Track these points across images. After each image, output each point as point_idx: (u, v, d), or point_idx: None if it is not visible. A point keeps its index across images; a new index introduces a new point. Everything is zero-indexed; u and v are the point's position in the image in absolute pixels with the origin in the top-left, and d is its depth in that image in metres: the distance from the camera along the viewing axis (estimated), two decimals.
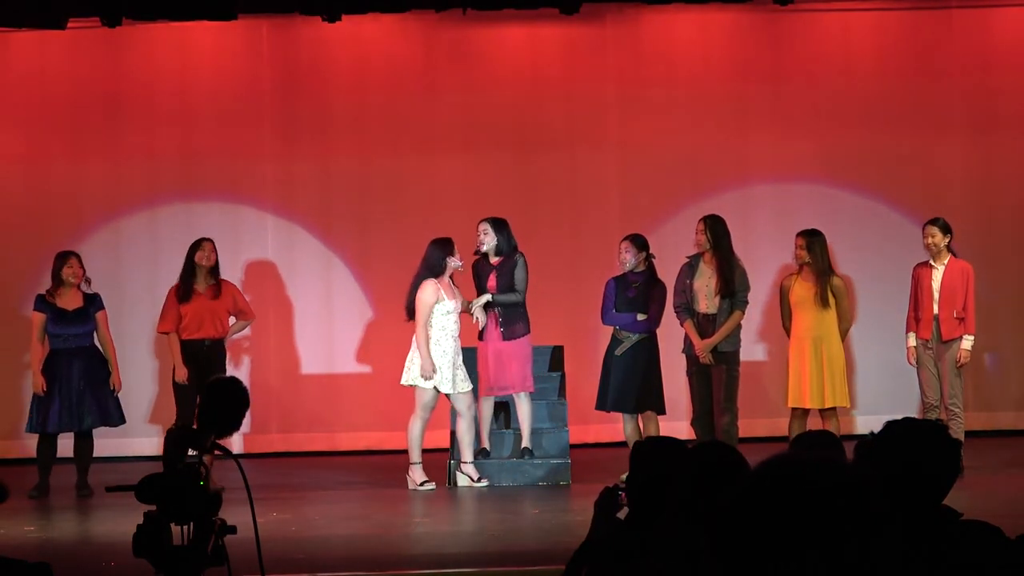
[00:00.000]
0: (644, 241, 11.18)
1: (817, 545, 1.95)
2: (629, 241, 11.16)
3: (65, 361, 11.27)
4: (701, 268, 11.02)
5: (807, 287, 10.97)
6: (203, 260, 11.50)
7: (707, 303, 10.94)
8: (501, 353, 11.12)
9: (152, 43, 13.47)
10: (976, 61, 13.65)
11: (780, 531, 1.97)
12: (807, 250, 10.98)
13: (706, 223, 11.07)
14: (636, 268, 11.09)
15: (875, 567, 1.98)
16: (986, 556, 3.55)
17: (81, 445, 11.30)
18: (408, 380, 11.04)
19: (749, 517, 1.99)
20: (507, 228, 11.26)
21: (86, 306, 11.40)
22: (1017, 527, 3.80)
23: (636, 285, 11.06)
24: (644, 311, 11.02)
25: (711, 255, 10.99)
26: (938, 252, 11.07)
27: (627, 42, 13.70)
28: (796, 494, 1.99)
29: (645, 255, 11.11)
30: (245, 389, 4.34)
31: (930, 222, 11.22)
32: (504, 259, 11.21)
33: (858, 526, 1.98)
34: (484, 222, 11.30)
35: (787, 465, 2.04)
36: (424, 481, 10.98)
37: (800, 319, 10.98)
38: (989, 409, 13.35)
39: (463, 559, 8.21)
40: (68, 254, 11.51)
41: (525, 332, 11.18)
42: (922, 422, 3.85)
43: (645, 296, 11.01)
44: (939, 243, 11.08)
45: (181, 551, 4.07)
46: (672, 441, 4.55)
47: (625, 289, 11.11)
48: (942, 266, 11.09)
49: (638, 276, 11.09)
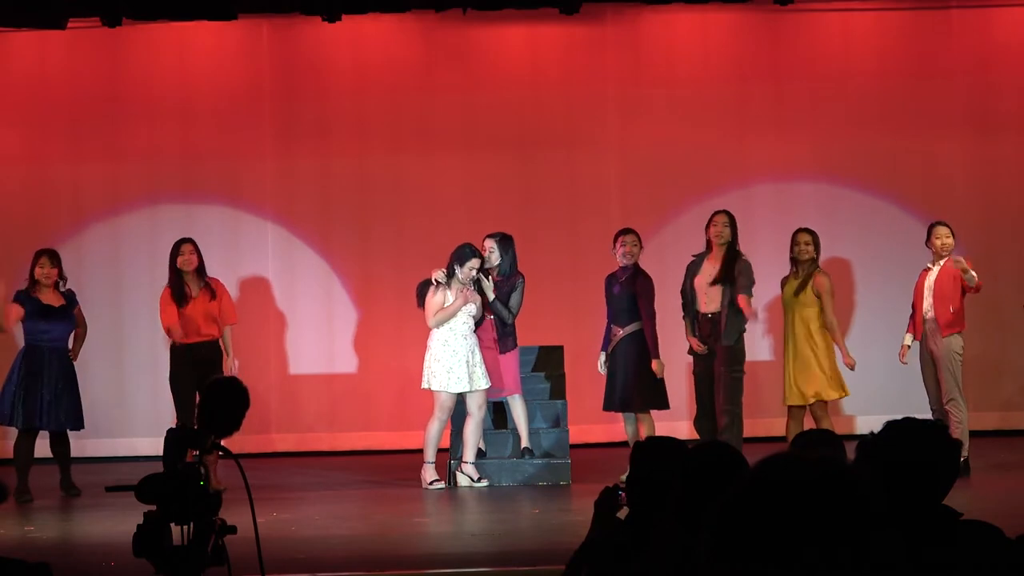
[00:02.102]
0: (636, 236, 11.16)
1: (815, 544, 1.95)
2: (634, 235, 11.11)
3: (45, 359, 11.15)
4: (704, 266, 11.00)
5: (794, 285, 11.03)
6: (185, 265, 11.32)
7: (706, 299, 10.90)
8: (497, 360, 11.17)
9: (152, 43, 13.47)
10: (976, 61, 13.66)
11: (777, 530, 1.97)
12: (814, 246, 11.04)
13: (728, 216, 11.04)
14: (627, 261, 11.04)
15: (874, 566, 1.98)
16: (986, 556, 3.55)
17: (58, 443, 11.16)
18: (428, 384, 11.04)
19: (746, 516, 1.99)
20: (512, 247, 11.25)
21: (68, 305, 11.32)
22: (1017, 527, 3.79)
23: (622, 281, 11.04)
24: (628, 307, 10.97)
25: (719, 251, 10.95)
26: (947, 254, 11.04)
27: (627, 42, 13.71)
28: (792, 493, 1.99)
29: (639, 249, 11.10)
30: (245, 389, 4.34)
31: (940, 224, 11.17)
32: (504, 279, 11.22)
33: (856, 525, 1.98)
34: (490, 239, 11.26)
35: (783, 464, 2.04)
36: (433, 480, 11.00)
37: (786, 317, 11.08)
38: (988, 409, 13.34)
39: (463, 559, 8.21)
40: (40, 253, 11.39)
41: (515, 346, 11.28)
42: (922, 422, 3.84)
43: (630, 294, 10.97)
44: (951, 245, 11.06)
45: (181, 551, 4.07)
46: (672, 441, 4.55)
47: (612, 285, 11.12)
48: (938, 267, 11.08)
49: (624, 272, 11.07)
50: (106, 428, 12.77)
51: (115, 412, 13.15)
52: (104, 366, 13.06)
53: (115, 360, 13.30)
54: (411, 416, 12.50)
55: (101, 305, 13.07)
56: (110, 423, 12.98)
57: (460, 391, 10.98)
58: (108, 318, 13.20)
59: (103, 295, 13.25)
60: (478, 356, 11.03)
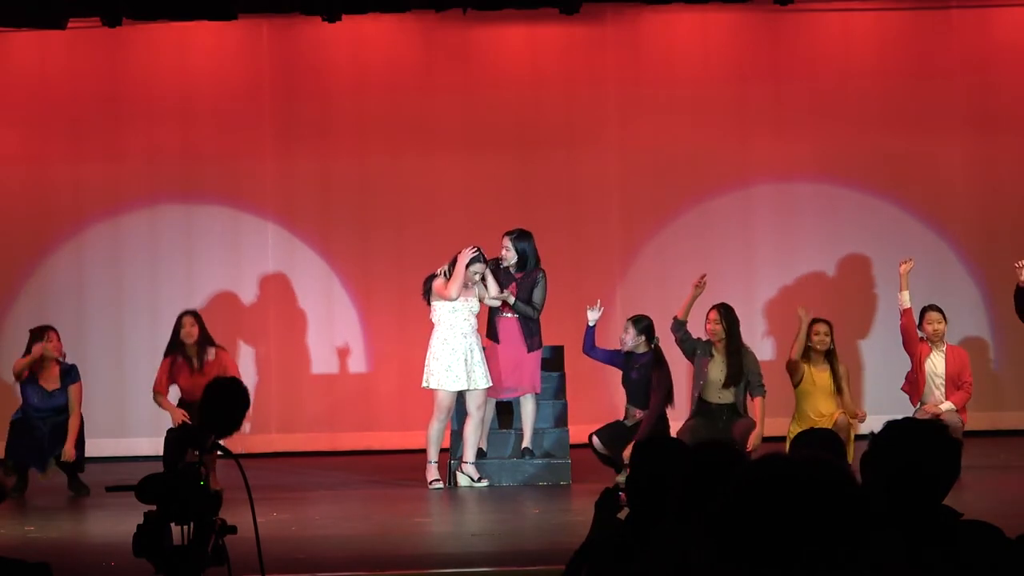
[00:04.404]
0: (647, 325, 10.99)
1: (809, 544, 1.96)
2: (630, 322, 11.07)
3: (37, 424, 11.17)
4: (715, 357, 10.92)
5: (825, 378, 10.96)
6: (187, 337, 11.30)
7: (718, 395, 10.88)
8: (522, 361, 11.15)
9: (152, 43, 13.47)
10: (976, 61, 13.66)
11: (771, 530, 1.97)
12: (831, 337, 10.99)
13: (720, 312, 10.94)
14: (637, 350, 11.00)
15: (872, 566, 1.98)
16: (986, 556, 3.55)
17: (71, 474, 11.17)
18: (427, 382, 11.03)
19: (740, 517, 2.00)
20: (530, 241, 11.21)
21: (64, 384, 11.25)
22: (1017, 527, 3.79)
23: (639, 367, 10.94)
24: (645, 393, 10.92)
25: (722, 344, 10.91)
26: (940, 339, 11.12)
27: (627, 42, 13.71)
28: (787, 493, 1.99)
29: (646, 338, 10.97)
30: (245, 389, 4.35)
31: (932, 308, 11.21)
32: (526, 274, 11.20)
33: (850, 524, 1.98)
34: (507, 236, 11.23)
35: (776, 464, 2.04)
36: (434, 480, 10.99)
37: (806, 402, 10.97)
38: (989, 409, 13.34)
39: (463, 559, 8.21)
40: (44, 329, 11.33)
41: (541, 344, 11.26)
42: (922, 422, 3.85)
43: (647, 380, 10.92)
44: (944, 330, 11.14)
45: (181, 551, 4.07)
46: (672, 441, 4.55)
47: (629, 369, 11.04)
48: (941, 354, 11.14)
49: (643, 357, 10.99)
50: (106, 428, 12.76)
51: (115, 412, 13.14)
52: (104, 366, 13.05)
53: (115, 360, 13.29)
54: (412, 416, 12.49)
55: (101, 305, 13.06)
56: (110, 423, 12.97)
57: (457, 389, 10.96)
58: (108, 318, 13.20)
59: (103, 295, 13.24)
60: (478, 355, 11.00)
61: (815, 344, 10.97)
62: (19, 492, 10.90)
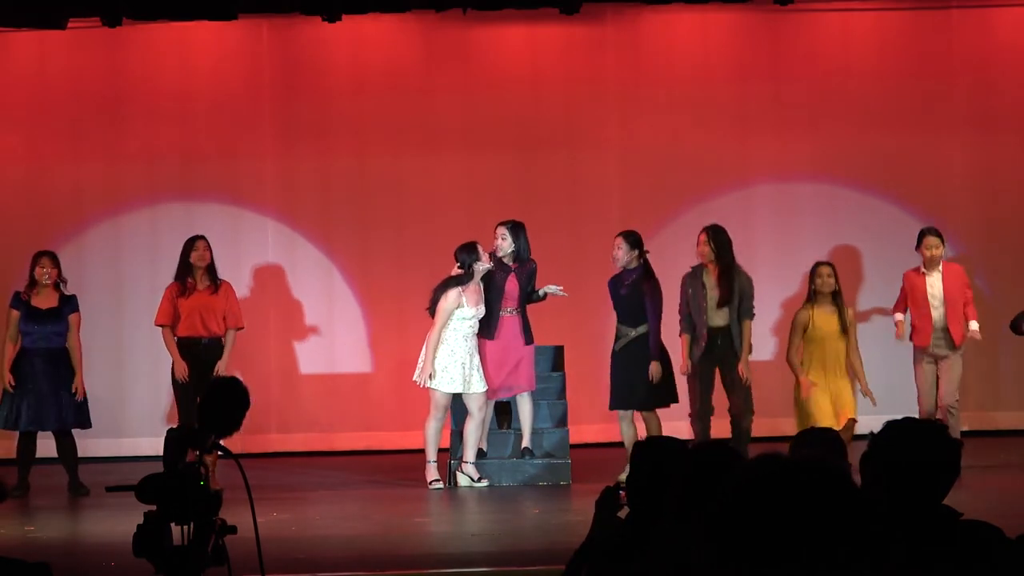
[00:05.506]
0: (637, 238, 11.10)
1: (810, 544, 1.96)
2: (621, 238, 11.11)
3: (29, 361, 11.17)
4: (705, 280, 10.97)
5: (833, 320, 10.94)
6: (198, 260, 11.39)
7: (712, 316, 10.91)
8: (523, 357, 11.16)
9: (152, 43, 13.47)
10: (976, 61, 13.66)
11: (772, 530, 1.97)
12: (835, 278, 10.97)
13: (708, 233, 11.01)
14: (629, 265, 11.04)
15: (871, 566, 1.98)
16: (986, 556, 3.55)
17: (62, 445, 11.15)
18: (417, 377, 11.03)
19: (740, 517, 2.00)
20: (525, 232, 11.25)
21: (60, 306, 11.30)
22: (1017, 527, 3.80)
23: (628, 283, 11.02)
24: (636, 309, 10.96)
25: (714, 266, 10.95)
26: (937, 262, 11.09)
27: (627, 42, 13.71)
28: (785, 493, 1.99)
29: (638, 252, 11.06)
30: (246, 389, 4.34)
31: (930, 232, 11.20)
32: (522, 264, 11.22)
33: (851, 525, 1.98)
34: (502, 226, 11.26)
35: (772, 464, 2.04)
36: (433, 480, 10.99)
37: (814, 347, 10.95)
38: (988, 409, 13.35)
39: (463, 559, 8.21)
40: (40, 254, 11.42)
41: (532, 340, 11.29)
42: (922, 422, 3.86)
43: (638, 294, 10.96)
44: (941, 254, 11.10)
45: (181, 551, 4.07)
46: (672, 441, 4.55)
47: (618, 287, 11.09)
48: (937, 273, 11.09)
49: (631, 273, 11.05)
50: (106, 428, 12.75)
51: (115, 412, 13.14)
52: (104, 366, 13.04)
53: (115, 360, 13.29)
54: (412, 416, 12.47)
55: (101, 305, 13.05)
56: (110, 423, 12.97)
57: (453, 392, 10.97)
58: (108, 318, 13.19)
59: (103, 295, 13.23)
60: (476, 360, 11.01)
61: (819, 287, 10.96)
62: (21, 492, 10.90)
